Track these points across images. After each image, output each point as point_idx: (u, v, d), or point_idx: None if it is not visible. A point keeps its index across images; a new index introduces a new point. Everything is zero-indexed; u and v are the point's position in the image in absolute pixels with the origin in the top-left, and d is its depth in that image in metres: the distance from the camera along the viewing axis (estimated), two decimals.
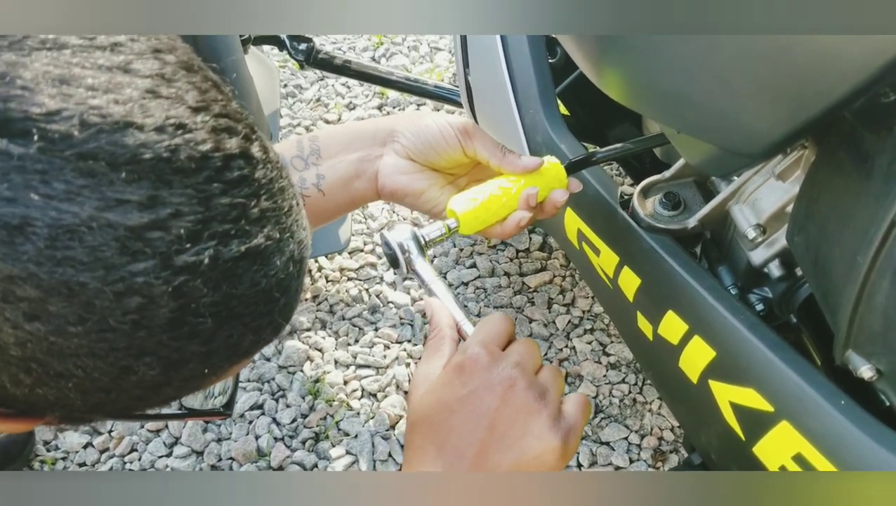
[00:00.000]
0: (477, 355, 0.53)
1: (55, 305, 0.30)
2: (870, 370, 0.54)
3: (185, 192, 0.32)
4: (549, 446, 0.51)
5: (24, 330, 0.30)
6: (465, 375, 0.53)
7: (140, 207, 0.31)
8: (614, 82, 0.63)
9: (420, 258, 0.62)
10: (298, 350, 1.36)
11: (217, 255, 0.33)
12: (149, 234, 0.31)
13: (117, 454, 1.23)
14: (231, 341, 0.36)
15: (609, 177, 0.85)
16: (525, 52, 0.96)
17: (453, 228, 0.64)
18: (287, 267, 0.37)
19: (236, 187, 0.34)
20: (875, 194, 0.50)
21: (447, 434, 0.52)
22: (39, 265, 0.29)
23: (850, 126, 0.55)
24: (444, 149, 0.65)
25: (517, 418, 0.51)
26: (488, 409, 0.51)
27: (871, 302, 0.51)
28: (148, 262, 0.31)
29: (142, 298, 0.31)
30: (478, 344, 0.54)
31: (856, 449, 0.57)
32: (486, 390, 0.52)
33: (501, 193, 0.65)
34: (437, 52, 2.08)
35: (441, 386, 0.54)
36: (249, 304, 0.36)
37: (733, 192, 0.73)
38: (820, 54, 0.44)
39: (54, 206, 0.29)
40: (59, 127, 0.29)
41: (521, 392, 0.52)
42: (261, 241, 0.35)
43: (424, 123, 0.65)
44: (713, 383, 0.69)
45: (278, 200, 0.37)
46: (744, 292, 0.78)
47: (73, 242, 0.30)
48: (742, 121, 0.52)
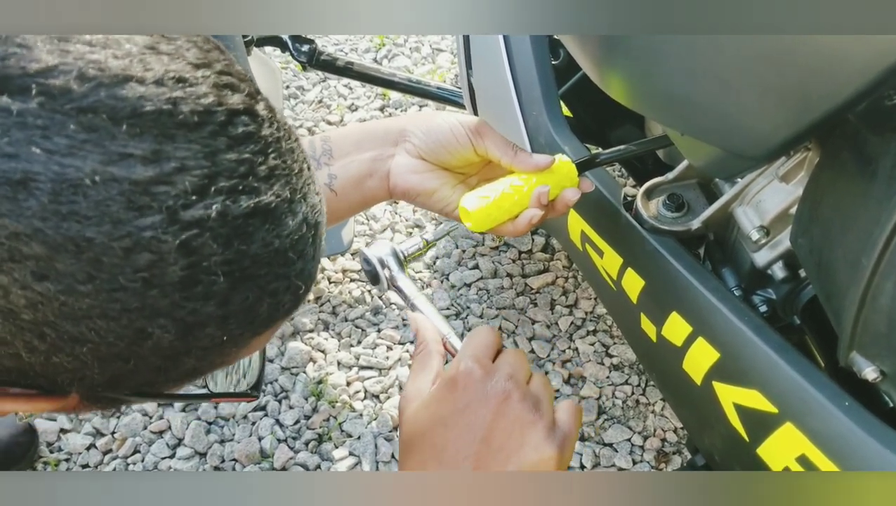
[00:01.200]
0: (470, 369, 0.53)
1: (63, 263, 0.30)
2: (874, 372, 0.54)
3: (190, 146, 0.32)
4: (546, 455, 0.52)
5: (33, 291, 0.30)
6: (459, 389, 0.53)
7: (144, 162, 0.31)
8: (618, 84, 0.63)
9: (401, 273, 0.63)
10: (301, 351, 1.36)
11: (225, 210, 0.33)
12: (154, 188, 0.31)
13: (120, 456, 1.23)
14: (247, 304, 0.36)
15: (612, 178, 0.85)
16: (528, 53, 0.96)
17: (430, 243, 0.65)
18: (300, 229, 0.37)
19: (242, 143, 0.34)
20: (879, 196, 0.50)
21: (443, 448, 0.52)
22: (44, 220, 0.29)
23: (854, 128, 0.55)
24: (455, 148, 0.65)
25: (513, 430, 0.52)
26: (483, 422, 0.52)
27: (875, 304, 0.51)
28: (155, 216, 0.31)
29: (151, 254, 0.31)
30: (469, 358, 0.54)
31: (860, 450, 0.57)
32: (480, 403, 0.52)
33: (513, 191, 0.65)
34: (438, 53, 2.08)
35: (434, 401, 0.54)
36: (263, 264, 0.35)
37: (737, 193, 0.73)
38: (824, 56, 0.44)
39: (56, 160, 0.29)
40: (57, 82, 0.29)
41: (517, 404, 0.52)
42: (270, 199, 0.35)
43: (435, 123, 0.66)
44: (717, 384, 0.69)
45: (287, 161, 0.37)
46: (747, 294, 0.78)
47: (77, 197, 0.29)
48: (746, 123, 0.52)
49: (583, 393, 1.32)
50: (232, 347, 0.38)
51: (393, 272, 0.62)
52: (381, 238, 0.66)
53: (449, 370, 0.55)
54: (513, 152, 0.65)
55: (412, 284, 0.62)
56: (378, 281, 0.63)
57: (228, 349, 0.38)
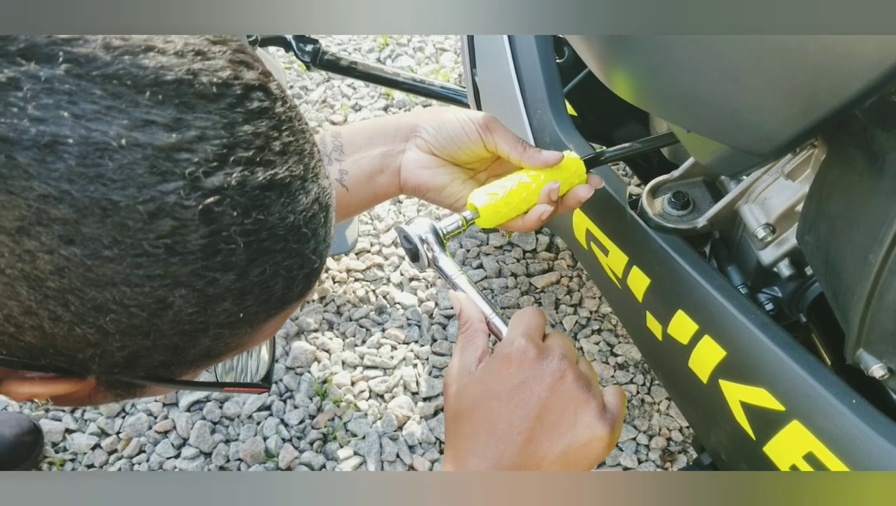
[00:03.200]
0: (525, 348, 0.54)
1: (89, 227, 0.31)
2: (881, 369, 0.54)
3: (210, 116, 0.33)
4: (598, 433, 0.53)
5: (60, 255, 0.31)
6: (514, 366, 0.54)
7: (166, 129, 0.32)
8: (623, 82, 0.63)
9: (441, 252, 0.63)
10: (306, 351, 1.36)
11: (244, 180, 0.34)
12: (176, 154, 0.32)
13: (125, 456, 1.24)
14: (263, 279, 0.37)
15: (618, 176, 0.85)
16: (533, 52, 0.96)
17: (470, 221, 0.65)
18: (313, 207, 0.38)
19: (258, 118, 0.35)
20: (886, 193, 0.50)
21: (495, 422, 0.53)
22: (72, 183, 0.30)
23: (861, 125, 0.54)
24: (465, 143, 0.65)
25: (567, 408, 0.53)
26: (538, 399, 0.53)
27: (882, 301, 0.51)
28: (177, 182, 0.32)
29: (173, 220, 0.32)
30: (523, 337, 0.55)
31: (868, 448, 0.57)
32: (536, 380, 0.53)
33: (521, 187, 0.65)
34: (442, 52, 2.08)
35: (489, 376, 0.55)
36: (280, 238, 0.36)
37: (743, 191, 0.73)
38: (831, 53, 0.44)
39: (84, 124, 0.30)
40: (83, 50, 0.31)
41: (571, 383, 0.54)
42: (285, 173, 0.36)
43: (446, 119, 0.66)
44: (723, 382, 0.69)
45: (300, 140, 0.38)
46: (754, 292, 0.78)
47: (103, 160, 0.30)
48: (752, 120, 0.52)
49: None
50: (246, 327, 0.39)
51: (434, 251, 0.62)
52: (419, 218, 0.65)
53: (502, 347, 0.55)
54: (522, 148, 0.66)
55: (453, 263, 0.62)
56: (418, 259, 0.63)
57: (243, 329, 0.39)
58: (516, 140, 0.66)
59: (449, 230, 0.64)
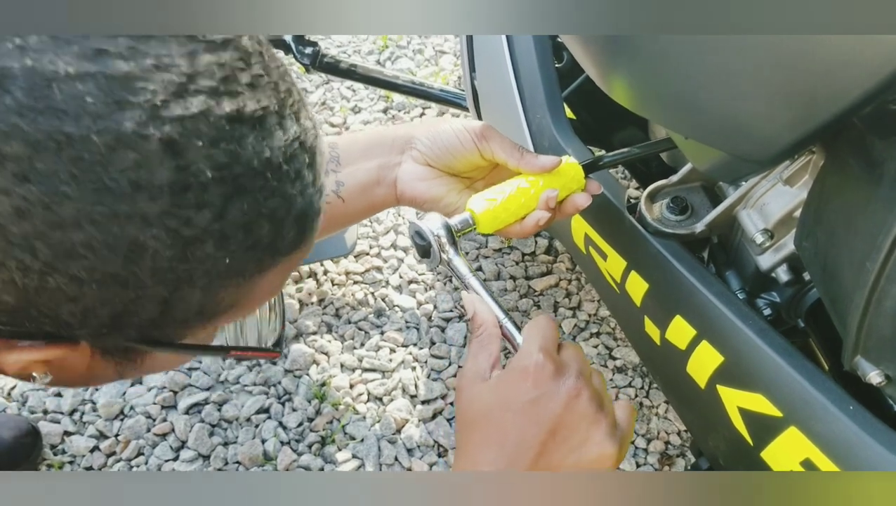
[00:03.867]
0: (543, 364, 0.54)
1: (44, 162, 0.30)
2: (879, 376, 0.54)
3: (167, 46, 0.32)
4: (607, 452, 0.53)
5: (17, 195, 0.30)
6: (531, 380, 0.53)
7: (120, 57, 0.31)
8: (621, 88, 0.63)
9: (454, 251, 0.62)
10: (304, 354, 1.36)
11: (208, 109, 0.33)
12: (133, 83, 0.31)
13: (124, 458, 1.24)
14: (245, 221, 0.35)
15: (616, 181, 0.85)
16: (531, 56, 0.96)
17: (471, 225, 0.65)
18: (293, 145, 0.37)
19: (221, 48, 0.34)
20: (884, 200, 0.50)
21: (507, 433, 0.53)
22: (21, 116, 0.29)
23: (859, 132, 0.54)
24: (461, 153, 0.65)
25: (580, 426, 0.53)
26: (553, 415, 0.53)
27: (880, 308, 0.51)
28: (134, 111, 0.31)
29: (135, 152, 0.31)
30: (540, 351, 0.55)
31: (865, 454, 0.57)
32: (551, 397, 0.53)
33: (520, 193, 0.65)
34: (441, 55, 2.08)
35: (504, 387, 0.54)
36: (257, 175, 0.35)
37: (741, 196, 0.73)
38: (829, 60, 0.44)
39: (30, 55, 0.29)
40: None
41: (585, 402, 0.53)
42: (255, 106, 0.35)
43: (441, 129, 0.66)
44: (721, 388, 0.69)
45: (273, 75, 0.37)
46: (752, 297, 0.78)
47: (52, 91, 0.29)
48: (751, 127, 0.52)
49: None
50: (236, 277, 0.37)
51: (447, 250, 0.62)
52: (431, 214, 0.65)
53: (519, 360, 0.55)
54: (519, 154, 0.66)
55: (465, 263, 0.62)
56: (428, 255, 0.63)
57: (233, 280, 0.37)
58: (513, 146, 0.66)
59: (460, 228, 0.64)
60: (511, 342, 0.59)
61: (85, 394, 1.31)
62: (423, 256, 0.64)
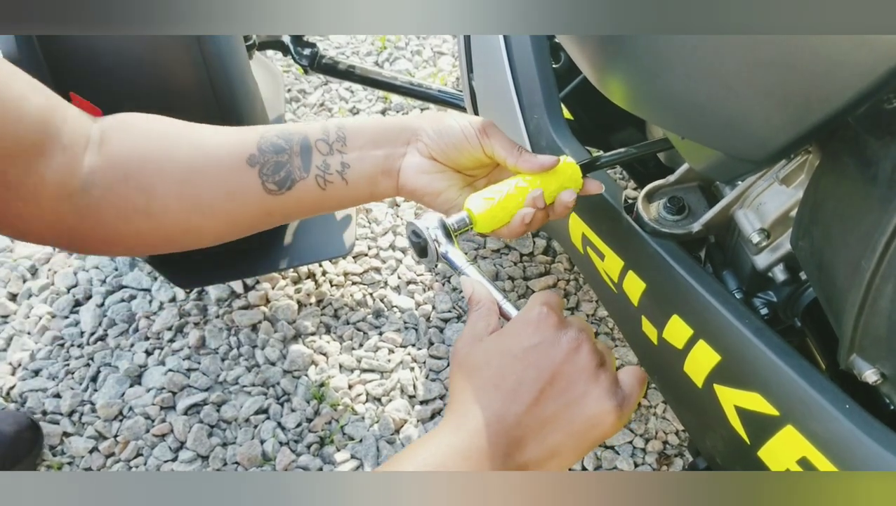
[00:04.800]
0: (546, 314, 0.54)
1: None
2: (874, 374, 0.55)
3: None
4: (605, 408, 0.53)
5: None
6: (532, 327, 0.54)
7: None
8: (618, 88, 0.63)
9: (450, 245, 0.63)
10: (303, 354, 1.36)
11: None
12: None
13: (123, 459, 1.24)
14: None
15: (613, 181, 0.85)
16: (529, 56, 0.96)
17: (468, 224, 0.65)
18: None
19: None
20: (879, 199, 0.50)
21: (506, 377, 0.53)
22: None
23: (854, 132, 0.55)
24: (465, 148, 0.66)
25: (579, 378, 0.53)
26: (553, 362, 0.53)
27: (875, 307, 0.51)
28: None
29: None
30: (544, 305, 0.55)
31: (861, 453, 0.57)
32: (553, 345, 0.53)
33: (517, 192, 0.65)
34: (440, 56, 2.08)
35: (506, 336, 0.54)
36: None
37: (737, 196, 0.73)
38: (825, 60, 0.44)
39: None
40: None
41: (586, 355, 0.53)
42: None
43: (447, 123, 0.66)
44: (718, 387, 0.70)
45: None
46: (748, 297, 0.78)
47: None
48: (747, 127, 0.52)
49: None
50: None
51: (443, 244, 0.62)
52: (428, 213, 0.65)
53: (522, 314, 0.55)
54: (518, 152, 0.66)
55: (462, 255, 0.62)
56: (426, 254, 0.63)
57: None
58: (512, 144, 0.66)
59: (457, 227, 0.64)
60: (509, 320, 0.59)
61: (84, 395, 1.31)
62: (421, 255, 0.64)
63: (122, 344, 1.39)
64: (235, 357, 1.36)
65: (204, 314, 1.43)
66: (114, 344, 1.39)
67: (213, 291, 1.46)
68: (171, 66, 0.95)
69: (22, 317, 1.45)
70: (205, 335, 1.39)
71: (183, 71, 0.96)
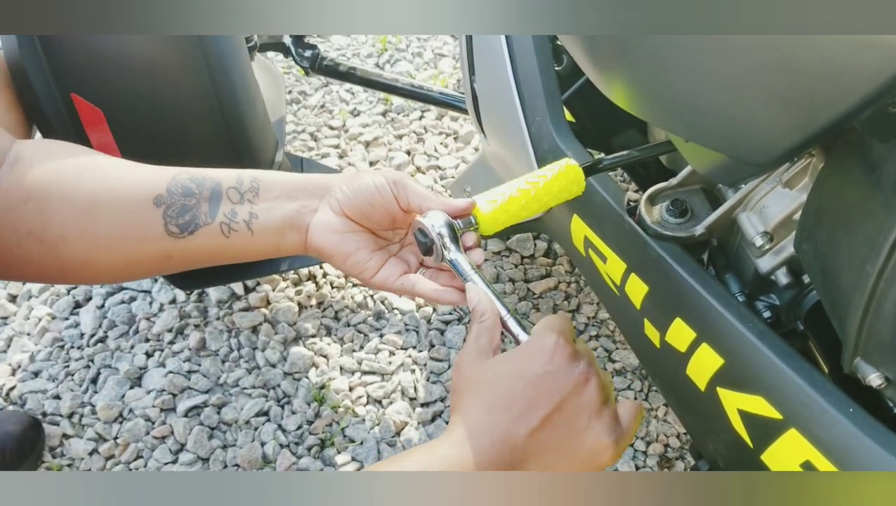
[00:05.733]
0: (562, 344, 0.55)
1: None
2: (879, 378, 0.55)
3: None
4: (605, 443, 0.54)
5: None
6: (548, 355, 0.55)
7: None
8: (622, 90, 0.63)
9: (457, 249, 0.62)
10: (304, 356, 1.36)
11: None
12: None
13: (123, 461, 1.23)
14: None
15: (616, 184, 0.85)
16: (531, 58, 0.96)
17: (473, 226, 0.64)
18: None
19: None
20: (883, 203, 0.50)
21: (517, 399, 0.54)
22: None
23: (859, 135, 0.55)
24: (379, 202, 0.64)
25: (585, 411, 0.54)
26: (563, 391, 0.54)
27: (879, 310, 0.51)
28: None
29: None
30: (559, 334, 0.56)
31: (865, 456, 0.57)
32: (565, 375, 0.54)
33: (521, 194, 0.65)
34: (441, 58, 2.08)
35: (519, 358, 0.55)
36: None
37: (741, 199, 0.73)
38: (830, 64, 0.44)
39: None
40: None
41: (593, 389, 0.55)
42: None
43: (362, 179, 0.65)
44: (721, 390, 0.69)
45: None
46: (751, 300, 0.78)
47: None
48: (751, 129, 0.52)
49: None
50: None
51: (450, 248, 0.62)
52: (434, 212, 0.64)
53: (537, 339, 0.56)
54: (433, 197, 0.64)
55: (468, 261, 0.62)
56: (431, 253, 0.62)
57: None
58: (427, 192, 0.65)
59: (463, 228, 0.63)
60: (515, 338, 0.60)
61: (84, 397, 1.31)
62: (426, 253, 0.64)
63: (122, 346, 1.39)
64: (236, 359, 1.36)
65: (204, 316, 1.43)
66: (114, 346, 1.39)
67: (214, 293, 1.46)
68: (172, 66, 0.95)
69: (22, 318, 1.45)
70: (205, 337, 1.39)
71: (185, 72, 0.95)
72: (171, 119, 0.97)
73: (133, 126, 0.96)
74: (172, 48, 0.94)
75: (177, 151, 1.00)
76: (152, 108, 0.96)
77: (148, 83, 0.94)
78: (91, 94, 0.92)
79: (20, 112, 0.91)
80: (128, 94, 0.94)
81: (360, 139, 1.81)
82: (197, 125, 0.99)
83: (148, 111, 0.96)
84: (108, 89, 0.93)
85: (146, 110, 0.96)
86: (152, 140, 0.98)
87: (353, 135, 1.82)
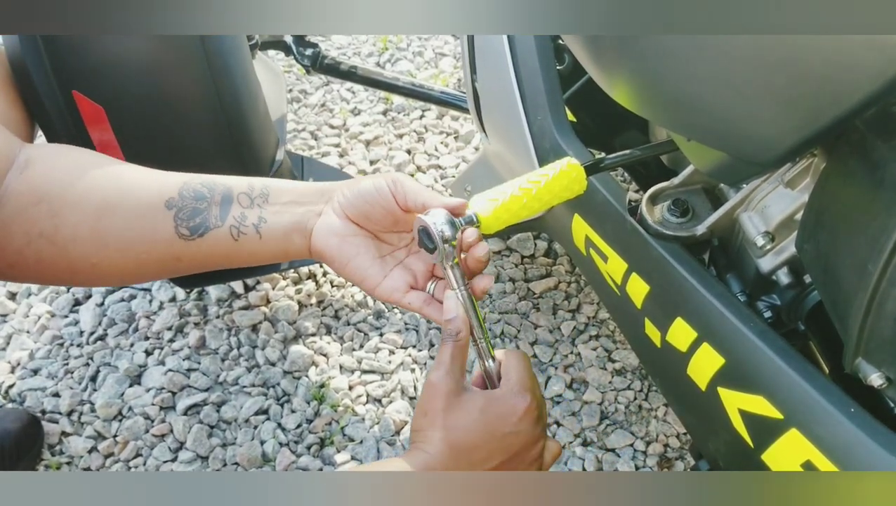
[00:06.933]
0: (532, 408, 0.62)
1: None
2: (880, 378, 0.54)
3: None
4: None
5: None
6: (517, 417, 0.62)
7: None
8: (624, 89, 0.63)
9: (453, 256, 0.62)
10: (303, 355, 1.36)
11: None
12: None
13: (122, 459, 1.23)
14: None
15: (617, 183, 0.85)
16: (533, 58, 0.96)
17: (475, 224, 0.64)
18: None
19: None
20: (885, 203, 0.50)
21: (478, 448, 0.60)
22: None
23: (861, 135, 0.55)
24: (378, 201, 0.64)
25: (525, 459, 0.63)
26: (518, 448, 0.62)
27: (881, 310, 0.51)
28: None
29: None
30: (529, 393, 0.63)
31: (865, 456, 0.57)
32: (526, 435, 0.62)
33: (522, 193, 0.65)
34: (441, 57, 2.08)
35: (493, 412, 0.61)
36: None
37: (742, 199, 0.73)
38: (833, 63, 0.44)
39: None
40: None
41: (538, 449, 0.64)
42: None
43: (362, 183, 0.65)
44: (722, 390, 0.69)
45: None
46: (752, 300, 0.78)
47: None
48: (754, 129, 0.52)
49: (585, 398, 1.32)
50: None
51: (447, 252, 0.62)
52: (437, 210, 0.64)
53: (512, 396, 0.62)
54: (431, 194, 0.64)
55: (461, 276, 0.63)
56: (432, 251, 0.62)
57: None
58: (425, 188, 0.65)
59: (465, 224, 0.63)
60: (483, 362, 0.65)
61: (83, 395, 1.31)
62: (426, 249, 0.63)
63: (121, 344, 1.39)
64: (235, 357, 1.36)
65: (204, 314, 1.43)
66: (113, 344, 1.39)
67: (214, 292, 1.46)
68: (174, 64, 0.95)
69: (21, 316, 1.45)
70: (205, 335, 1.39)
71: (186, 70, 0.95)
72: (172, 117, 0.97)
73: (134, 124, 0.95)
74: (174, 46, 0.94)
75: (178, 148, 1.00)
76: (153, 106, 0.96)
77: (149, 81, 0.94)
78: (92, 92, 0.92)
79: (22, 110, 0.91)
80: (129, 91, 0.94)
81: (361, 138, 1.81)
82: (198, 123, 0.99)
83: (149, 109, 0.96)
84: (109, 87, 0.93)
85: (147, 108, 0.96)
86: (153, 138, 0.98)
87: (354, 134, 1.82)
